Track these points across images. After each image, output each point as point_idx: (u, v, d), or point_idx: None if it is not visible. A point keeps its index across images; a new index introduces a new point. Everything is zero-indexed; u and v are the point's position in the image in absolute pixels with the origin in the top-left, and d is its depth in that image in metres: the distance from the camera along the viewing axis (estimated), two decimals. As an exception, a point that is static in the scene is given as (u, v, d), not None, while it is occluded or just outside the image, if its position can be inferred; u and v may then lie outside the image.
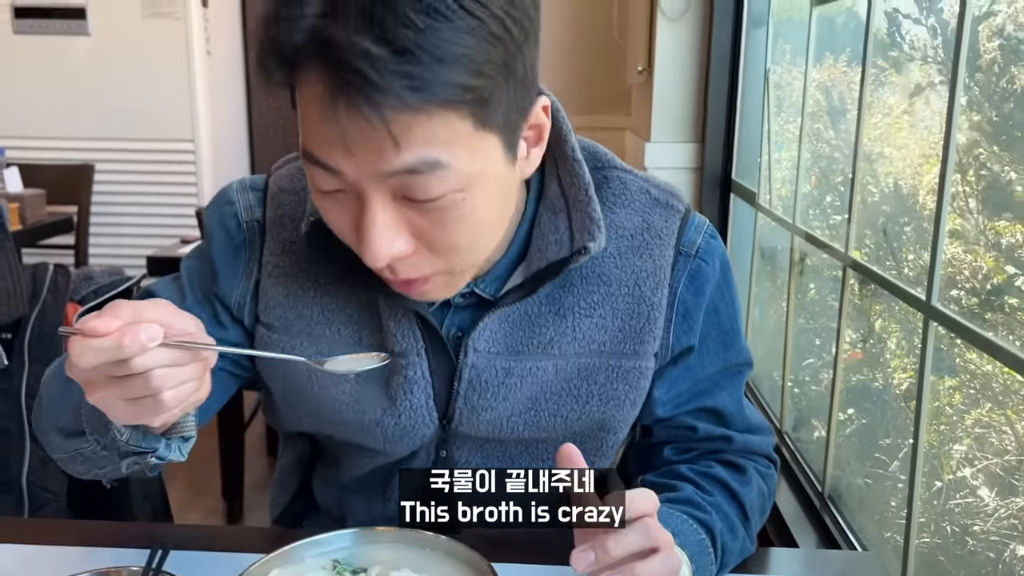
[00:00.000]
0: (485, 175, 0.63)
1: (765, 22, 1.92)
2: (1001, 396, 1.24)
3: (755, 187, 1.95)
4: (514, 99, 0.62)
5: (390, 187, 0.61)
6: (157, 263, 2.40)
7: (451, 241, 0.65)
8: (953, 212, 1.14)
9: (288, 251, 0.79)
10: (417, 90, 0.56)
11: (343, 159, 0.60)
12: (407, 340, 0.77)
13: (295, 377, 0.80)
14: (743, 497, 0.81)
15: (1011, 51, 1.05)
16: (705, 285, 0.79)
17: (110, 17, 3.32)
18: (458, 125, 0.59)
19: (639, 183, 0.79)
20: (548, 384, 0.78)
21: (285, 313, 0.79)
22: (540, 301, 0.77)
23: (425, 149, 0.59)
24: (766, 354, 1.93)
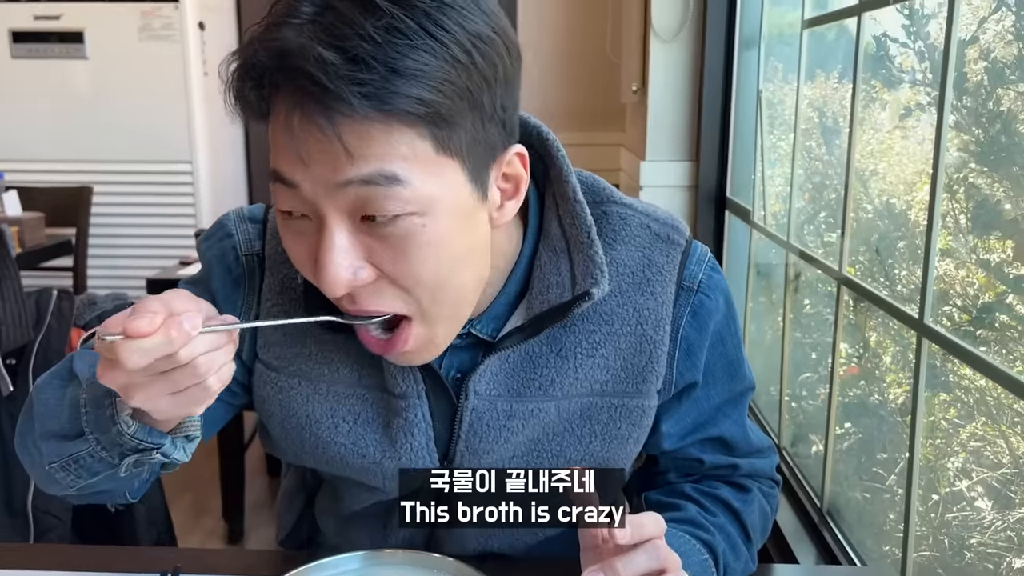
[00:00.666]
0: (445, 203, 0.61)
1: (757, 43, 1.95)
2: (995, 410, 1.26)
3: (749, 204, 1.97)
4: (480, 132, 0.61)
5: (346, 203, 0.59)
6: (157, 285, 2.41)
7: (414, 271, 0.62)
8: (944, 230, 1.16)
9: (286, 289, 0.78)
10: (367, 97, 0.55)
11: (300, 171, 0.59)
12: (407, 382, 0.75)
13: (294, 420, 0.79)
14: (745, 517, 0.81)
15: (996, 74, 1.08)
16: (708, 320, 0.79)
17: (108, 40, 3.35)
18: (418, 144, 0.58)
19: (639, 218, 0.78)
20: (550, 425, 0.77)
21: (283, 352, 0.78)
22: (541, 342, 0.75)
23: (381, 162, 0.58)
24: (763, 370, 1.95)
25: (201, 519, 2.48)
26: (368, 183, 0.58)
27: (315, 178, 0.59)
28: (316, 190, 0.59)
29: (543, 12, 3.58)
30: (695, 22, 2.13)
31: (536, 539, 0.89)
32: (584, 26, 3.61)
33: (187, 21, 3.32)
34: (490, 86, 0.61)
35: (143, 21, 3.33)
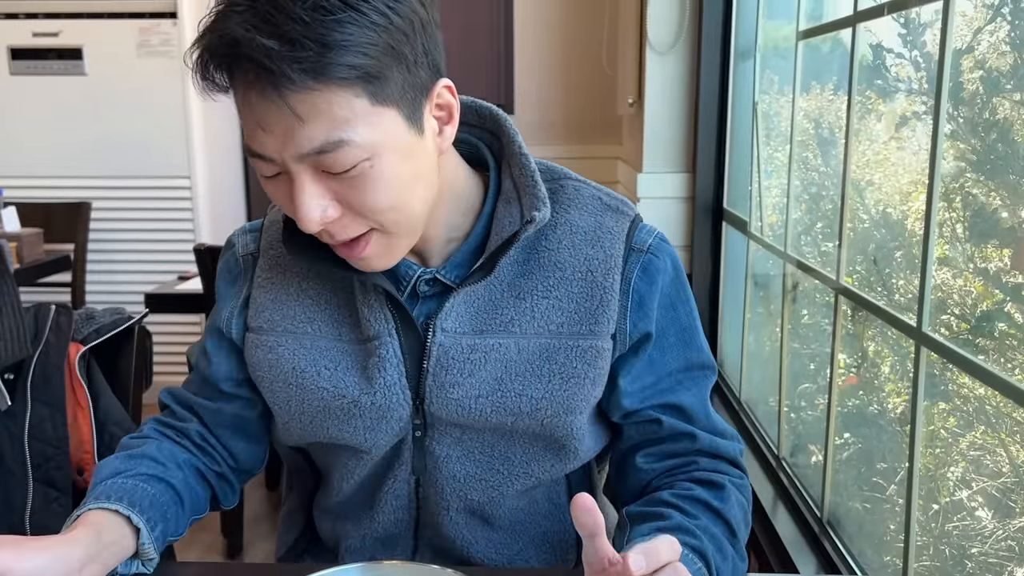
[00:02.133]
0: (388, 145, 0.72)
1: (752, 54, 1.96)
2: (994, 419, 1.26)
3: (746, 215, 1.98)
4: (408, 78, 0.72)
5: (309, 164, 0.71)
6: (155, 300, 2.41)
7: (370, 203, 0.74)
8: (941, 239, 1.17)
9: (275, 266, 0.90)
10: (307, 71, 0.66)
11: (266, 142, 0.71)
12: (379, 323, 0.84)
13: (281, 375, 0.88)
14: (727, 515, 0.84)
15: (992, 83, 1.08)
16: (657, 275, 0.86)
17: (106, 57, 3.36)
18: (355, 103, 0.69)
19: (592, 191, 0.89)
20: (511, 364, 0.84)
21: (271, 316, 0.88)
22: (502, 287, 0.85)
23: (328, 129, 0.69)
24: (761, 381, 1.95)
25: (200, 534, 2.47)
26: (321, 152, 0.70)
27: (277, 146, 0.71)
28: (280, 155, 0.71)
29: (538, 26, 3.60)
30: (690, 35, 2.14)
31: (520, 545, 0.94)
32: (580, 39, 3.63)
33: (185, 37, 3.34)
34: (409, 38, 0.71)
35: (141, 37, 3.34)
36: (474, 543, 0.92)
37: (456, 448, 0.88)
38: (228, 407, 0.95)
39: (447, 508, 0.90)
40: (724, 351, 2.20)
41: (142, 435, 0.94)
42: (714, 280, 2.20)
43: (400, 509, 0.92)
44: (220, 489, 0.96)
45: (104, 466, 0.87)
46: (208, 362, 0.94)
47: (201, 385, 0.96)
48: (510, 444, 0.88)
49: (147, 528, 0.80)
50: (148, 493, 0.84)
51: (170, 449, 0.92)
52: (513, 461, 0.89)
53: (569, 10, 3.63)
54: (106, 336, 1.46)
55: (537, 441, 0.88)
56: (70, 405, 1.40)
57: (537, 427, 0.86)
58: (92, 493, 0.82)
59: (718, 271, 2.18)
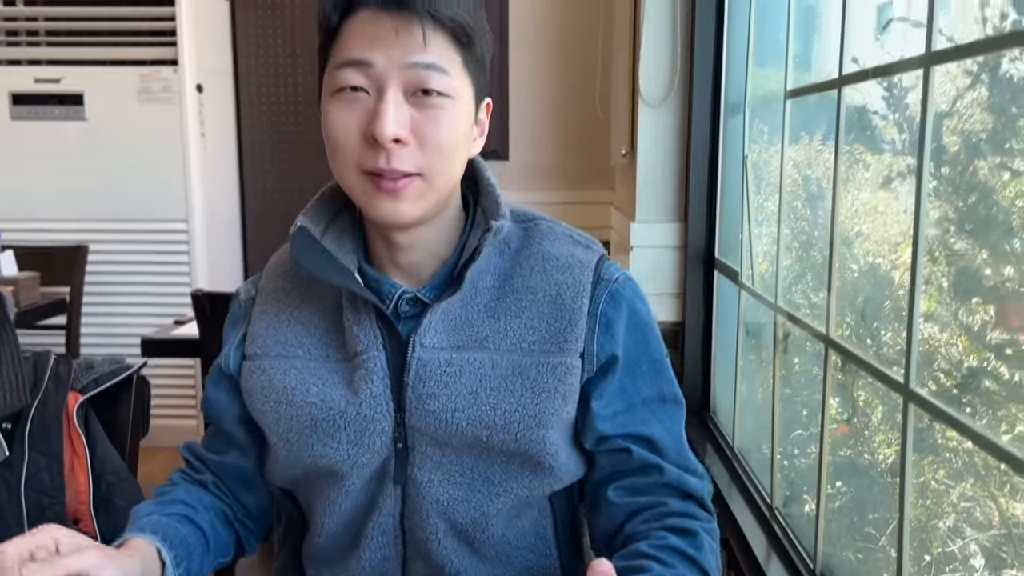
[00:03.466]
0: (463, 100, 0.87)
1: (742, 108, 2.01)
2: (983, 471, 1.28)
3: (737, 265, 2.01)
4: (479, 73, 0.90)
5: (407, 80, 0.84)
6: (152, 345, 2.42)
7: (436, 135, 0.85)
8: (927, 295, 1.20)
9: (270, 299, 0.98)
10: (439, 9, 0.84)
11: (379, 51, 0.84)
12: (368, 339, 0.92)
13: (272, 395, 0.94)
14: (702, 562, 0.89)
15: (972, 147, 1.12)
16: (623, 303, 0.94)
17: (107, 103, 3.41)
18: (455, 55, 0.86)
19: (563, 229, 0.98)
20: (486, 378, 0.90)
21: (265, 342, 0.96)
22: (478, 308, 0.92)
23: (438, 56, 0.84)
24: (754, 428, 1.96)
25: (191, 582, 2.45)
26: (428, 68, 0.84)
27: (391, 57, 0.84)
28: (388, 66, 0.84)
29: (532, 74, 3.66)
30: (681, 88, 2.19)
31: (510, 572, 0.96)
32: (573, 87, 3.70)
33: (185, 84, 3.39)
34: (486, 42, 0.90)
35: (142, 84, 3.40)
36: (463, 571, 0.94)
37: (437, 472, 0.92)
38: (231, 455, 1.02)
39: (434, 532, 0.93)
40: (717, 399, 2.22)
41: (171, 483, 1.03)
42: (707, 328, 2.22)
43: (387, 546, 0.94)
44: (243, 535, 1.04)
45: (141, 507, 0.96)
46: (211, 404, 1.01)
47: (211, 436, 1.04)
48: (489, 464, 0.92)
49: (172, 564, 0.88)
50: (179, 532, 0.92)
51: (198, 494, 1.00)
52: (493, 480, 0.92)
53: (562, 59, 3.70)
54: (105, 386, 1.47)
55: (514, 459, 0.91)
56: (67, 455, 1.41)
57: (512, 441, 0.90)
58: (130, 528, 0.90)
59: (711, 319, 2.21)
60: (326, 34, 0.89)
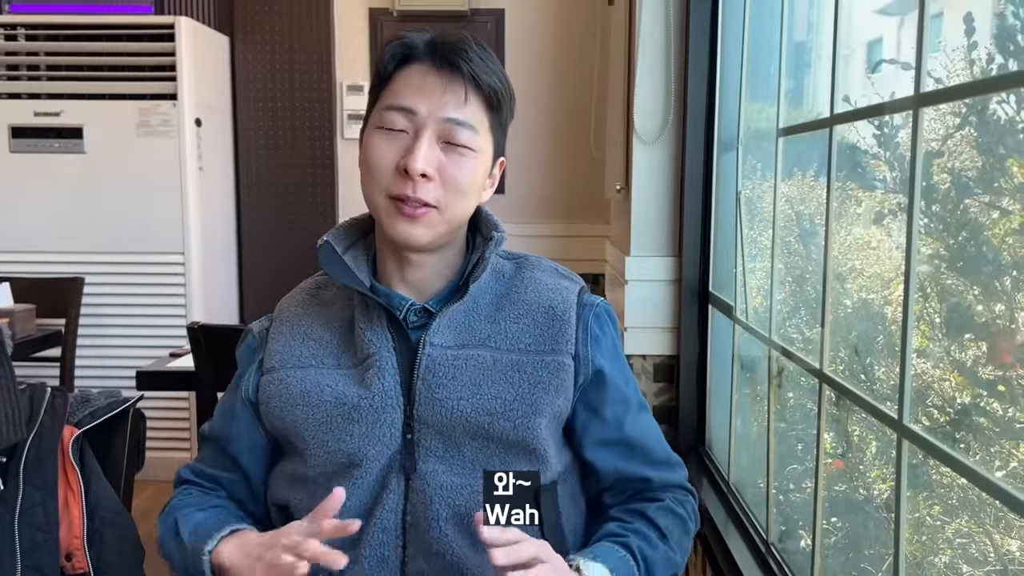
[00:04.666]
0: (483, 155, 1.03)
1: (735, 145, 2.04)
2: (978, 508, 1.28)
3: (732, 300, 2.02)
4: (499, 134, 1.06)
5: (442, 129, 0.99)
6: (147, 377, 2.41)
7: (457, 180, 1.00)
8: (919, 332, 1.21)
9: (285, 322, 1.11)
10: (479, 75, 1.01)
11: (426, 103, 0.99)
12: (380, 341, 1.04)
13: (290, 400, 1.04)
14: (658, 520, 1.05)
15: (961, 186, 1.14)
16: (606, 325, 1.10)
17: (106, 136, 3.43)
18: (484, 118, 1.02)
19: (549, 264, 1.14)
20: (487, 372, 1.02)
21: (283, 356, 1.08)
22: (480, 315, 1.06)
23: (472, 117, 1.01)
24: (750, 463, 1.96)
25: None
26: (461, 125, 1.01)
27: (433, 109, 1.00)
28: (429, 116, 0.99)
29: (528, 109, 3.70)
30: (675, 126, 2.22)
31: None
32: (568, 123, 3.74)
33: (184, 118, 3.42)
34: (511, 109, 1.07)
35: (141, 118, 3.42)
36: (464, 559, 1.00)
37: (440, 463, 1.01)
38: (243, 483, 1.12)
39: (436, 519, 1.00)
40: (712, 434, 2.22)
41: (192, 496, 1.12)
42: (701, 362, 2.23)
43: (387, 544, 1.01)
44: None
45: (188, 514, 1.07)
46: (224, 426, 1.11)
47: (217, 457, 1.13)
48: (488, 454, 1.02)
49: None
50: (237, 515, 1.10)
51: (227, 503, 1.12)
52: (494, 467, 0.99)
53: (557, 98, 3.75)
54: (101, 419, 1.47)
55: (511, 448, 1.02)
56: (62, 489, 1.40)
57: (510, 428, 1.01)
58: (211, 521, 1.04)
59: (705, 354, 2.21)
60: (380, 78, 1.04)
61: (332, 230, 1.11)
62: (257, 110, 3.83)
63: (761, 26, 1.94)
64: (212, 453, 1.14)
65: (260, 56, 3.81)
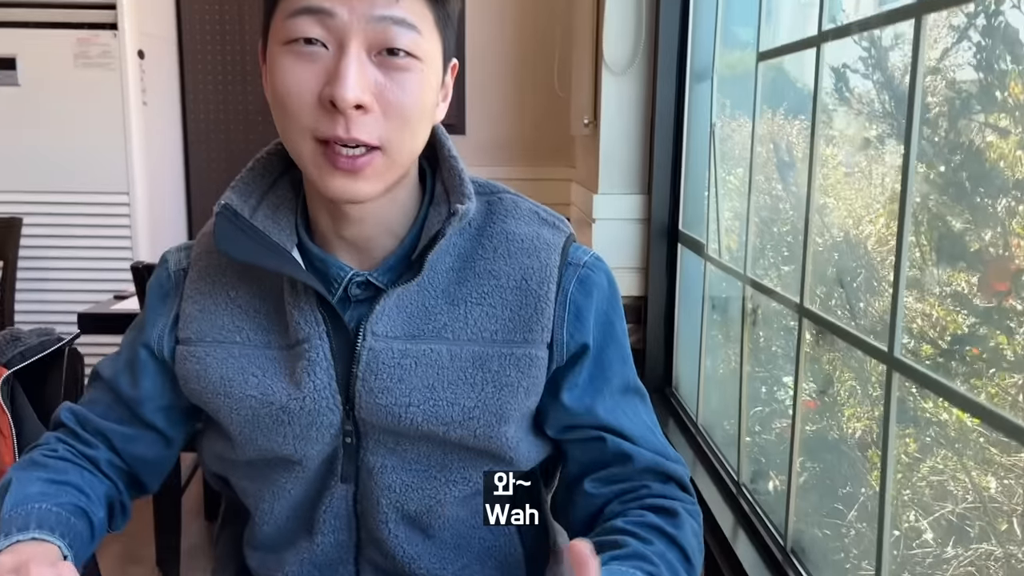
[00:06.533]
0: (432, 65, 0.78)
1: (709, 76, 1.96)
2: (958, 444, 1.25)
3: (703, 238, 1.96)
4: (449, 31, 0.80)
5: (372, 36, 0.74)
6: (89, 320, 2.29)
7: (400, 101, 0.75)
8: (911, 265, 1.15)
9: (205, 277, 0.88)
10: None
11: (345, 2, 0.73)
12: (310, 326, 0.83)
13: (210, 386, 0.86)
14: (682, 541, 0.83)
15: (961, 103, 1.08)
16: (593, 289, 0.87)
17: (41, 68, 3.23)
18: (427, 11, 0.76)
19: (529, 205, 0.90)
20: (443, 371, 0.83)
21: (200, 326, 0.87)
22: (436, 293, 0.84)
23: (410, 10, 0.74)
24: (718, 404, 1.92)
25: (132, 567, 2.35)
26: (397, 23, 0.74)
27: (356, 8, 0.73)
28: (352, 20, 0.73)
29: (489, 48, 3.58)
30: (646, 55, 2.13)
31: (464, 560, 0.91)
32: (532, 62, 3.63)
33: (126, 49, 3.23)
34: (456, 1, 0.80)
35: (79, 48, 3.22)
36: (416, 559, 0.88)
37: (391, 457, 0.86)
38: (145, 439, 0.92)
39: (384, 521, 0.87)
40: (679, 375, 2.18)
41: (56, 454, 0.89)
42: (669, 303, 2.17)
43: (340, 530, 0.89)
44: (116, 519, 0.93)
45: (27, 481, 0.84)
46: (131, 381, 0.91)
47: (114, 405, 0.92)
48: (446, 453, 0.86)
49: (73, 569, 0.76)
50: (76, 528, 0.81)
51: (91, 479, 0.89)
52: (450, 468, 0.87)
53: (521, 33, 3.62)
54: (32, 359, 1.37)
55: (471, 451, 0.86)
56: (-8, 433, 1.31)
57: (470, 437, 0.84)
58: (27, 516, 0.79)
59: (673, 294, 2.16)
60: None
61: (236, 180, 0.86)
62: (204, 41, 3.64)
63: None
64: (107, 403, 0.93)
65: (207, -15, 3.60)
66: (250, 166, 0.88)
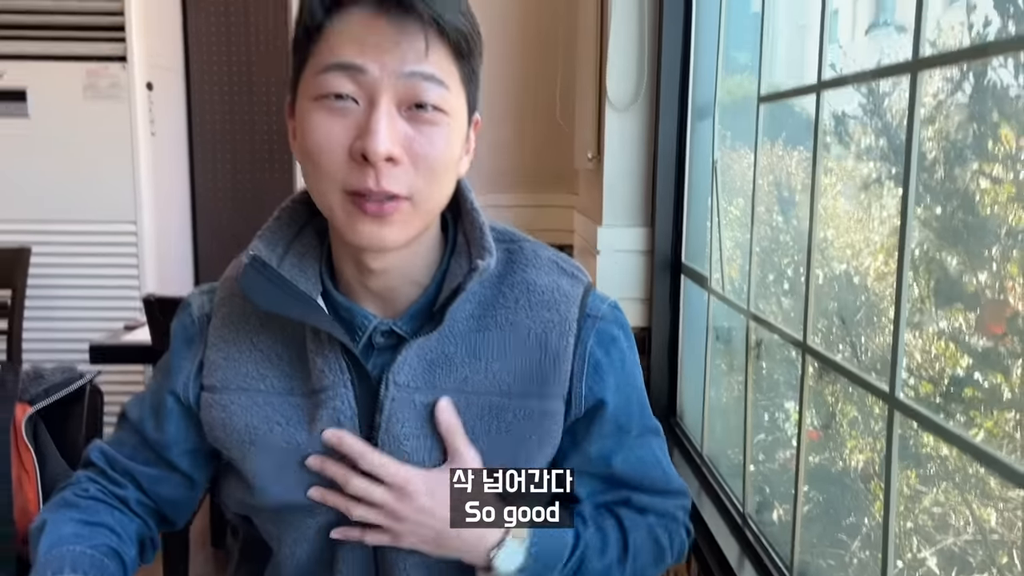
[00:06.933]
0: (458, 119, 0.81)
1: (711, 113, 2.00)
2: (957, 477, 1.28)
3: (705, 270, 2.00)
4: (473, 87, 0.83)
5: (402, 91, 0.77)
6: (101, 351, 2.32)
7: (430, 157, 0.78)
8: (911, 305, 1.19)
9: (228, 323, 0.90)
10: (443, 15, 0.76)
11: (373, 58, 0.76)
12: (334, 374, 0.85)
13: (235, 434, 0.88)
14: (630, 533, 0.91)
15: (954, 152, 1.12)
16: (612, 345, 0.90)
17: (51, 100, 3.29)
18: (454, 68, 0.79)
19: (549, 254, 0.92)
20: (463, 421, 0.85)
21: (225, 374, 0.89)
22: (456, 342, 0.86)
23: (439, 67, 0.77)
24: (723, 434, 1.95)
25: (142, 598, 2.36)
26: (427, 79, 0.77)
27: (386, 64, 0.76)
28: (383, 76, 0.76)
29: (492, 78, 3.63)
30: (649, 93, 2.18)
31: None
32: (533, 91, 3.68)
33: (135, 81, 3.29)
34: (479, 58, 0.82)
35: (89, 80, 3.28)
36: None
37: None
38: (171, 480, 0.95)
39: (404, 566, 0.89)
40: (684, 405, 2.21)
41: (88, 494, 0.93)
42: (673, 334, 2.21)
43: (362, 570, 0.90)
44: (147, 553, 0.97)
45: (61, 523, 0.88)
46: (157, 426, 0.93)
47: (139, 448, 0.95)
48: None
49: None
50: (110, 571, 0.85)
51: (121, 518, 0.92)
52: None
53: (522, 62, 3.68)
54: (56, 397, 1.40)
55: None
56: (15, 469, 1.34)
57: None
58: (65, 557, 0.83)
59: (677, 325, 2.20)
60: (307, 31, 0.78)
61: (263, 230, 0.88)
62: (211, 72, 3.70)
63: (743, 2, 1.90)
64: (134, 444, 0.95)
65: (214, 16, 3.67)
66: (276, 215, 0.91)
